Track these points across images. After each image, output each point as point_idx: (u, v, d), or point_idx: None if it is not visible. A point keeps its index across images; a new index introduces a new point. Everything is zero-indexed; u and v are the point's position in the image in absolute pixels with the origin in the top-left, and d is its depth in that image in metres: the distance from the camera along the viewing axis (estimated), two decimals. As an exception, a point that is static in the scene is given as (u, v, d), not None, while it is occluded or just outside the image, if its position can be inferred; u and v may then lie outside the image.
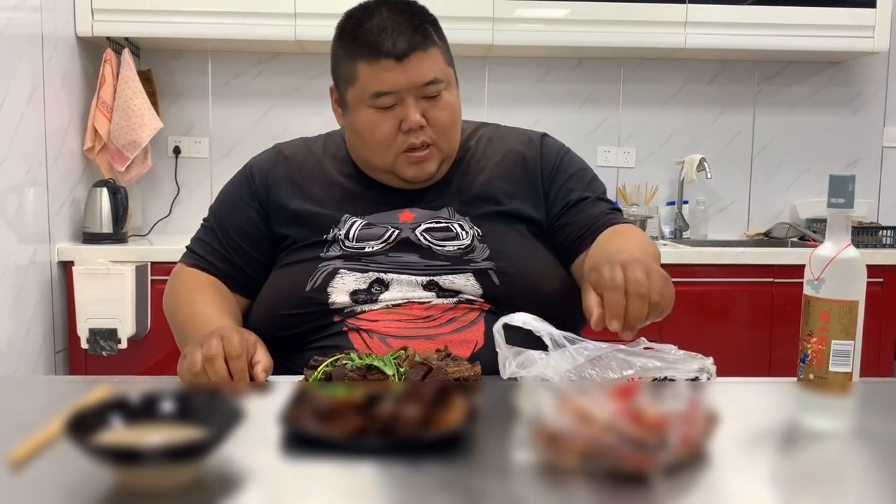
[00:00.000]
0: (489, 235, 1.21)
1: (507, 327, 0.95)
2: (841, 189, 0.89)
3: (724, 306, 2.57)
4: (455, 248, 1.19)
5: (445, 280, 1.16)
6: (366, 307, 1.15)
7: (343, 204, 1.23)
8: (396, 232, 1.20)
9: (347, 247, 1.19)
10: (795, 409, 0.79)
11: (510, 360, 0.90)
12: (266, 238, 1.25)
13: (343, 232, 1.20)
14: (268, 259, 1.26)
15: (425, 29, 1.18)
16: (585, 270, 1.12)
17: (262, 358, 0.98)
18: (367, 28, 1.17)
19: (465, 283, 1.16)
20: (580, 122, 3.04)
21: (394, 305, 1.14)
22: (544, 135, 1.34)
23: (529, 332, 0.95)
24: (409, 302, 1.14)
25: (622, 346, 0.89)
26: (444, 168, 1.25)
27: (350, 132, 1.25)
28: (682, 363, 0.88)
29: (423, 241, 1.19)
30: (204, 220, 1.32)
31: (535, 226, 1.25)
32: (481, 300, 1.16)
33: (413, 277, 1.16)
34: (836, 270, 0.87)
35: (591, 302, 0.92)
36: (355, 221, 1.21)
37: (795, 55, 2.92)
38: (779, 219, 3.10)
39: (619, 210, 1.30)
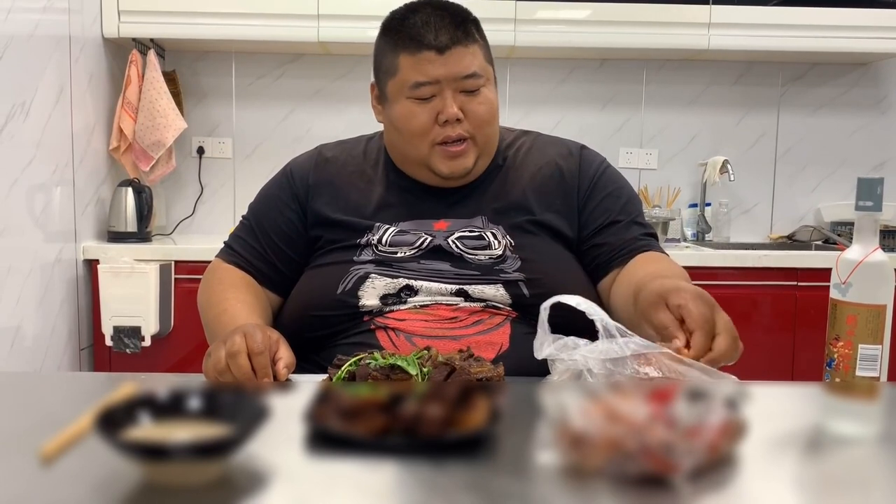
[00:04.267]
0: (521, 246, 1.21)
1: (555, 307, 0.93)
2: (869, 192, 0.88)
3: (746, 310, 2.54)
4: (487, 257, 1.19)
5: (475, 289, 1.16)
6: (394, 307, 1.16)
7: (380, 210, 1.25)
8: (429, 239, 1.21)
9: (380, 251, 1.20)
10: (822, 414, 0.78)
11: (548, 343, 0.89)
12: (303, 238, 1.27)
13: (377, 237, 1.21)
14: (304, 259, 1.28)
15: (467, 26, 1.21)
16: (649, 294, 1.01)
17: (285, 355, 0.99)
18: (411, 22, 1.20)
19: (495, 293, 1.16)
20: (602, 123, 3.03)
21: (421, 306, 1.15)
22: (583, 147, 1.33)
23: (567, 326, 0.94)
24: (436, 303, 1.15)
25: (669, 350, 0.87)
26: (481, 165, 1.25)
27: (388, 126, 1.26)
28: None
29: (455, 249, 1.20)
30: (243, 217, 1.34)
31: (565, 240, 1.25)
32: (509, 308, 1.17)
33: (443, 285, 1.17)
34: (863, 274, 0.87)
35: (672, 328, 0.92)
36: (389, 228, 1.22)
37: (821, 56, 2.89)
38: (803, 222, 3.07)
39: (654, 235, 1.29)
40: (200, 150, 2.99)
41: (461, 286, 1.17)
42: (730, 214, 3.05)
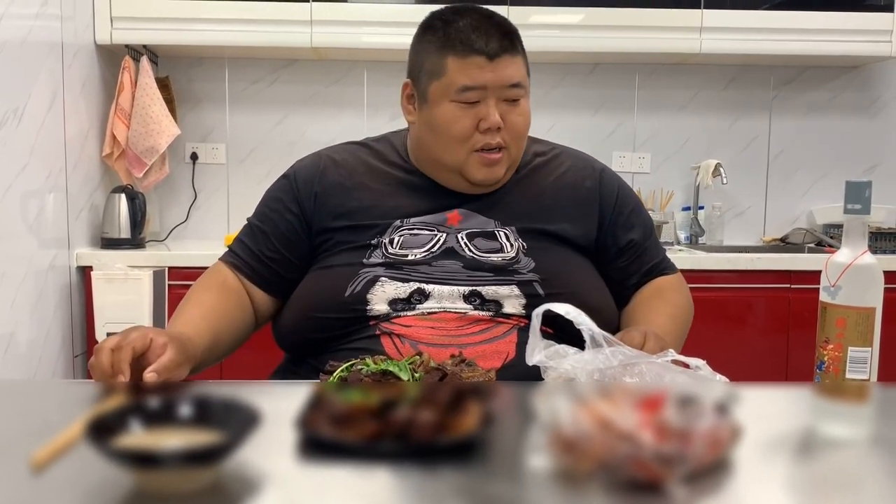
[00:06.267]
0: (534, 249, 1.21)
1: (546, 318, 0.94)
2: (857, 195, 0.88)
3: (740, 312, 2.55)
4: (499, 259, 1.19)
5: (489, 290, 1.16)
6: (401, 312, 1.15)
7: (391, 209, 1.24)
8: (441, 238, 1.20)
9: (390, 254, 1.19)
10: (814, 416, 0.78)
11: (539, 349, 0.90)
12: (303, 243, 1.27)
13: (387, 239, 1.20)
14: (304, 262, 1.27)
15: (513, 37, 1.21)
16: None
17: (164, 360, 0.96)
18: (459, 26, 1.19)
19: (509, 293, 1.16)
20: (595, 127, 3.04)
21: (429, 313, 1.14)
22: (603, 170, 1.35)
23: (563, 334, 0.95)
24: (444, 310, 1.15)
25: (656, 360, 0.88)
26: (507, 176, 1.26)
27: (424, 127, 1.24)
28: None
29: (468, 251, 1.20)
30: (247, 219, 1.34)
31: (579, 249, 1.26)
32: (519, 315, 1.16)
33: (455, 288, 1.16)
34: (852, 277, 0.87)
35: None
36: (400, 228, 1.22)
37: (812, 60, 2.91)
38: (795, 224, 3.08)
39: (667, 259, 1.36)
40: (194, 156, 2.99)
41: (474, 287, 1.16)
42: (723, 217, 3.06)
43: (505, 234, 1.22)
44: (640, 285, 1.31)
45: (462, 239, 1.21)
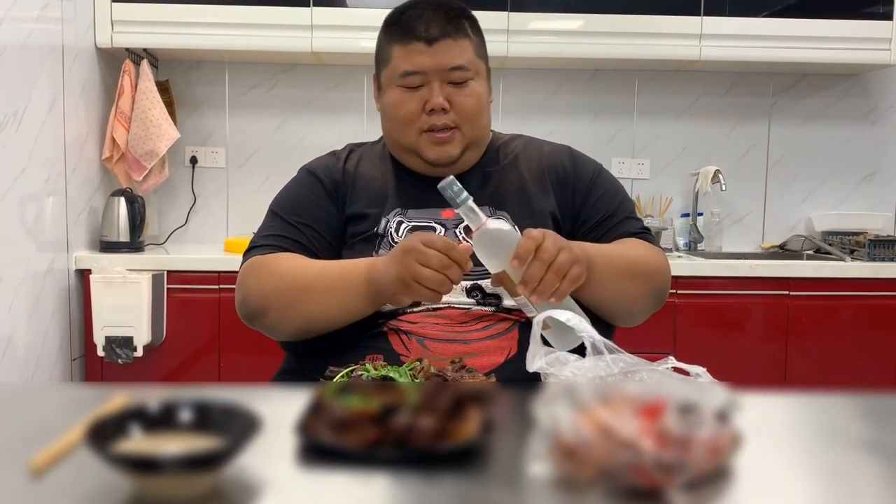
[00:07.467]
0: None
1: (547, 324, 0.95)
2: (449, 192, 1.07)
3: (738, 319, 2.55)
4: None
5: (488, 282, 1.19)
6: (407, 309, 1.18)
7: (391, 200, 1.29)
8: (441, 233, 1.25)
9: (395, 244, 1.23)
10: (817, 422, 0.78)
11: (540, 356, 0.90)
12: (338, 224, 1.29)
13: (393, 225, 1.25)
14: (336, 241, 1.29)
15: (459, 22, 1.26)
16: None
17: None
18: (406, 16, 1.26)
19: None
20: (594, 133, 3.05)
21: (434, 309, 1.18)
22: (571, 148, 1.40)
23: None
24: (448, 307, 1.18)
25: (657, 367, 0.88)
26: (470, 157, 1.30)
27: (382, 114, 1.32)
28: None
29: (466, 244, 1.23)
30: (268, 214, 1.32)
31: (559, 229, 1.28)
32: (520, 311, 1.18)
33: None
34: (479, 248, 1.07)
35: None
36: (401, 218, 1.27)
37: (811, 67, 2.92)
38: (794, 231, 3.09)
39: (648, 230, 1.34)
40: (193, 160, 2.99)
41: (475, 281, 1.20)
42: (722, 224, 3.07)
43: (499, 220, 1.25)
44: None
45: (459, 234, 1.25)
